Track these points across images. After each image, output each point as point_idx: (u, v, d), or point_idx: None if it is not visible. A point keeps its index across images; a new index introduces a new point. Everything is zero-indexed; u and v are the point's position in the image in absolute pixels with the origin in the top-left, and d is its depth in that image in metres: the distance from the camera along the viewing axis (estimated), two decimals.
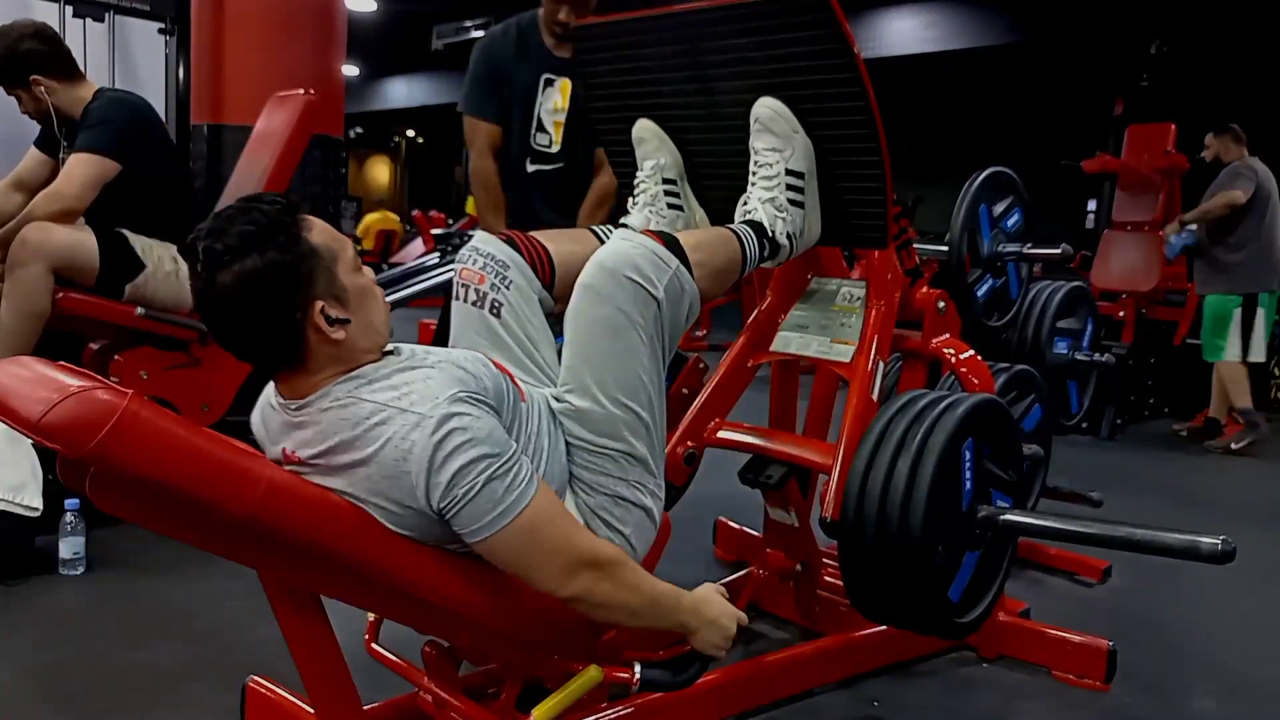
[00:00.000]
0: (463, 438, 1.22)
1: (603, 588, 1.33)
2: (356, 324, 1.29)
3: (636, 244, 1.50)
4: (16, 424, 1.07)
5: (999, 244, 2.42)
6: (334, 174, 4.33)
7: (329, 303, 1.26)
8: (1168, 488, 4.25)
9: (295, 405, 1.30)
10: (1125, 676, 2.19)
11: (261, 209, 1.24)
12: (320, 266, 1.26)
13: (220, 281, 1.21)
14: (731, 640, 1.47)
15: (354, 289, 1.30)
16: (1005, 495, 1.85)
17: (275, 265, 1.22)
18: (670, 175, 2.00)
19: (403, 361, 1.32)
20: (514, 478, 1.25)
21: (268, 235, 1.22)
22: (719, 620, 1.46)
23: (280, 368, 1.31)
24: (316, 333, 1.26)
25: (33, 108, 2.85)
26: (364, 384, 1.28)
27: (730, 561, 2.88)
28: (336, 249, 1.29)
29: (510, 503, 1.24)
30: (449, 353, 1.38)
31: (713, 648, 1.46)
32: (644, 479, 1.50)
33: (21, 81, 2.79)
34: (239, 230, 1.22)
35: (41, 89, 2.79)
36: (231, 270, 1.21)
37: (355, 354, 1.30)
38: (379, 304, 1.35)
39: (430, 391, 1.24)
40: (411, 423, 1.22)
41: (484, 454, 1.22)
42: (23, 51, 2.76)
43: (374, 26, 14.00)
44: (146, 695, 1.95)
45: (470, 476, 1.22)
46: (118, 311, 2.78)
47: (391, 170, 24.83)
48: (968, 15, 10.81)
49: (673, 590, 1.43)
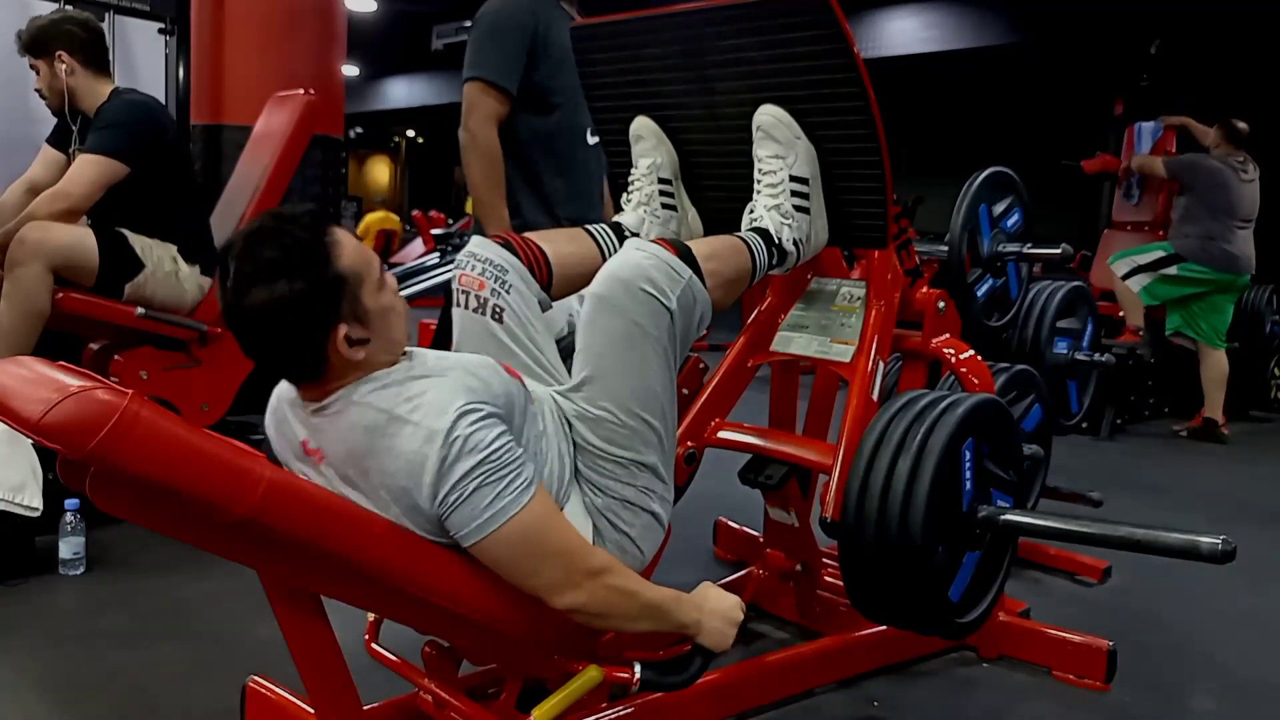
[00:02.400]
0: (466, 448, 1.24)
1: (599, 596, 1.34)
2: (376, 342, 1.31)
3: (650, 255, 1.50)
4: (16, 424, 1.07)
5: (999, 244, 2.42)
6: (334, 174, 4.34)
7: (351, 326, 1.28)
8: (1168, 488, 4.25)
9: (314, 408, 1.33)
10: (1125, 676, 2.19)
11: (295, 234, 1.25)
12: (346, 293, 1.28)
13: (250, 302, 1.24)
14: (738, 627, 1.48)
15: (377, 310, 1.31)
16: (1005, 495, 1.84)
17: (303, 293, 1.24)
18: (666, 175, 2.00)
19: (414, 368, 1.33)
20: (508, 484, 1.26)
21: (298, 260, 1.24)
22: (721, 609, 1.46)
23: (301, 381, 1.34)
24: (337, 353, 1.28)
25: (48, 83, 2.85)
26: (379, 388, 1.30)
27: (730, 561, 2.88)
28: (363, 272, 1.30)
29: (501, 507, 1.26)
30: (462, 358, 1.40)
31: (720, 636, 1.46)
32: (653, 484, 1.51)
33: (47, 51, 2.82)
34: (270, 256, 1.23)
35: (63, 66, 2.81)
36: (259, 293, 1.23)
37: (373, 366, 1.33)
38: (401, 320, 1.36)
39: (440, 403, 1.26)
40: (422, 436, 1.25)
41: (482, 460, 1.25)
42: (61, 30, 2.82)
43: (374, 26, 14.01)
44: (146, 695, 1.95)
45: (465, 481, 1.24)
46: (118, 311, 2.78)
47: (391, 170, 24.83)
48: (968, 15, 10.80)
49: (671, 594, 1.43)
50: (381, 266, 1.36)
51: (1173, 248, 5.16)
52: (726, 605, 1.48)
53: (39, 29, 2.83)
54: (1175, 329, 5.29)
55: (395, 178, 24.67)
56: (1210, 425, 5.18)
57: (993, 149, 2.91)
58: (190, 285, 2.87)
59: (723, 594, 1.50)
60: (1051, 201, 5.72)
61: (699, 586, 1.51)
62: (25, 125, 3.29)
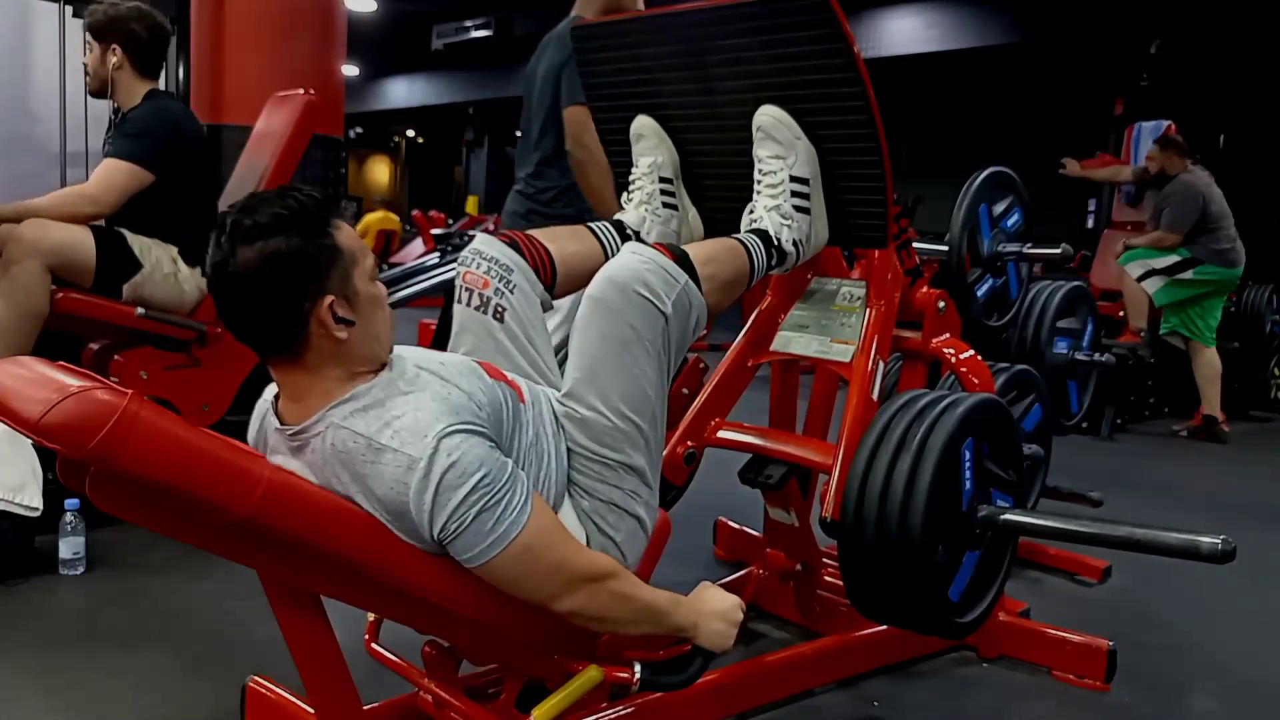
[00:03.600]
0: (453, 475, 1.22)
1: (599, 601, 1.35)
2: (360, 329, 1.29)
3: (646, 259, 1.50)
4: (16, 424, 1.07)
5: (999, 244, 2.42)
6: (334, 174, 4.34)
7: (339, 301, 1.26)
8: (1168, 488, 4.25)
9: (293, 430, 1.30)
10: (1125, 676, 2.19)
11: (298, 197, 1.26)
12: (339, 265, 1.27)
13: (241, 255, 1.22)
14: (738, 627, 1.48)
15: (366, 296, 1.30)
16: (1005, 495, 1.85)
17: (298, 251, 1.23)
18: (666, 174, 2.00)
19: (395, 382, 1.31)
20: (506, 506, 1.26)
21: (299, 221, 1.24)
22: (720, 609, 1.47)
23: (276, 353, 1.30)
24: (320, 326, 1.26)
25: (94, 68, 2.91)
26: (359, 409, 1.27)
27: (730, 561, 2.88)
28: (359, 255, 1.30)
29: (502, 532, 1.26)
30: (442, 367, 1.36)
31: (720, 637, 1.46)
32: (639, 489, 1.50)
33: (104, 39, 2.88)
34: (273, 211, 1.23)
35: (114, 59, 2.87)
36: (254, 246, 1.22)
37: (354, 360, 1.30)
38: (386, 317, 1.35)
39: (420, 427, 1.24)
40: (404, 464, 1.23)
41: (475, 485, 1.23)
42: (124, 25, 2.88)
43: (374, 26, 14.00)
44: (146, 695, 1.95)
45: (462, 510, 1.23)
46: (117, 311, 2.78)
47: (391, 170, 24.84)
48: (968, 15, 10.80)
49: (669, 597, 1.44)
50: (375, 264, 1.35)
51: (1189, 253, 5.16)
52: (725, 606, 1.48)
53: (106, 16, 2.90)
54: (1171, 329, 5.30)
55: (395, 178, 24.69)
56: (1210, 422, 5.18)
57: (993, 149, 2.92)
58: (190, 286, 2.86)
59: (722, 594, 1.50)
60: (1051, 201, 5.71)
61: (698, 586, 1.51)
62: (26, 125, 3.29)
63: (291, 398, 1.32)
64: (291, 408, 1.32)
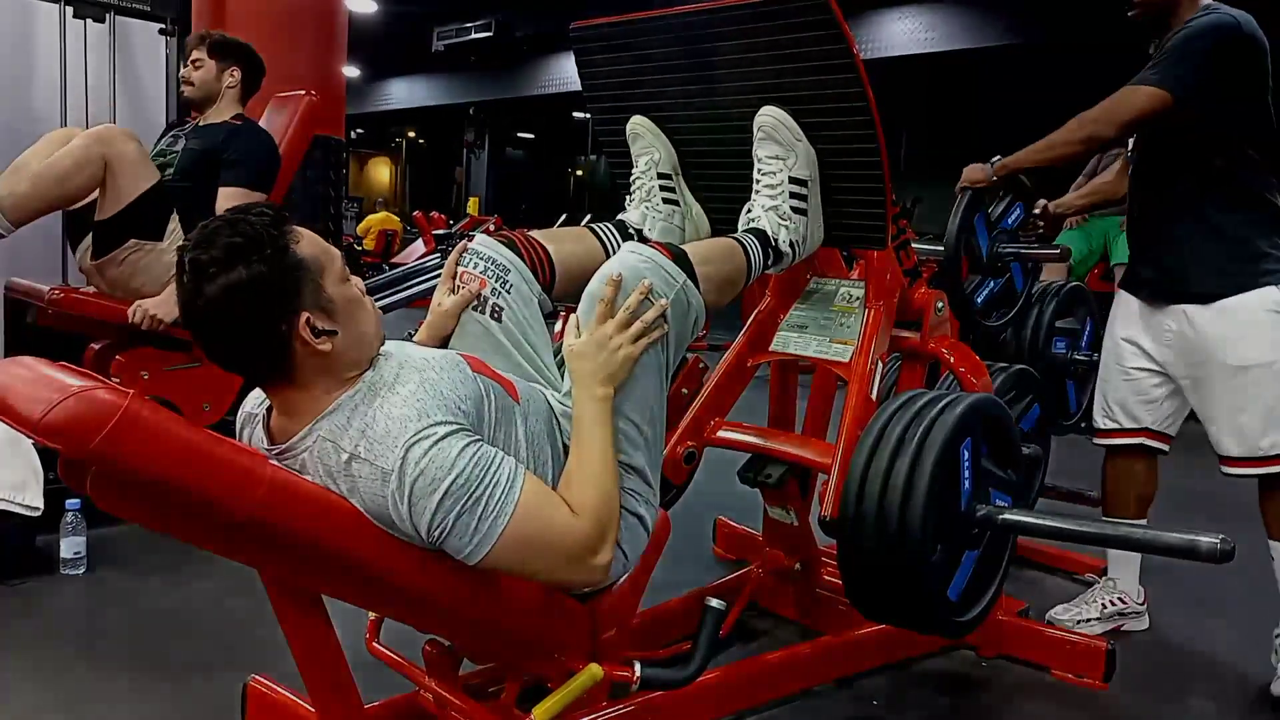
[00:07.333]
0: (423, 484, 1.21)
1: (611, 534, 1.34)
2: (345, 335, 1.28)
3: (645, 257, 1.50)
4: (17, 424, 1.07)
5: (998, 245, 2.42)
6: (335, 175, 4.34)
7: (315, 315, 1.25)
8: (1167, 488, 4.23)
9: (277, 451, 1.30)
10: (1125, 676, 2.19)
11: (249, 221, 1.23)
12: (307, 279, 1.25)
13: (206, 293, 1.20)
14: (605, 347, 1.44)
15: (341, 300, 1.28)
16: (1004, 494, 1.85)
17: (260, 278, 1.20)
18: (665, 170, 2.01)
19: (375, 385, 1.29)
20: (486, 502, 1.24)
21: (254, 248, 1.21)
22: (586, 352, 1.44)
23: (267, 380, 1.30)
24: (303, 345, 1.24)
25: (203, 80, 3.07)
26: (340, 421, 1.26)
27: (730, 561, 2.88)
28: (324, 261, 1.28)
29: (488, 529, 1.24)
30: (425, 362, 1.34)
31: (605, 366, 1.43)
32: (639, 488, 1.50)
33: (225, 59, 3.08)
34: (225, 242, 1.20)
35: (230, 79, 3.08)
36: (217, 283, 1.19)
37: (345, 366, 1.29)
38: (369, 314, 1.33)
39: (390, 436, 1.23)
40: (378, 477, 1.22)
41: (447, 490, 1.21)
42: (248, 52, 3.13)
43: (374, 27, 14.01)
44: (147, 695, 1.95)
45: (440, 517, 1.22)
46: (118, 311, 2.79)
47: (392, 171, 24.84)
48: (968, 15, 10.80)
49: (596, 439, 1.40)
50: (345, 262, 1.33)
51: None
52: (582, 345, 1.44)
53: (234, 40, 3.14)
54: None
55: (396, 178, 24.68)
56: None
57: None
58: None
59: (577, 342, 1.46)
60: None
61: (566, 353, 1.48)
62: (26, 125, 3.29)
63: (285, 414, 1.31)
64: (285, 422, 1.31)
